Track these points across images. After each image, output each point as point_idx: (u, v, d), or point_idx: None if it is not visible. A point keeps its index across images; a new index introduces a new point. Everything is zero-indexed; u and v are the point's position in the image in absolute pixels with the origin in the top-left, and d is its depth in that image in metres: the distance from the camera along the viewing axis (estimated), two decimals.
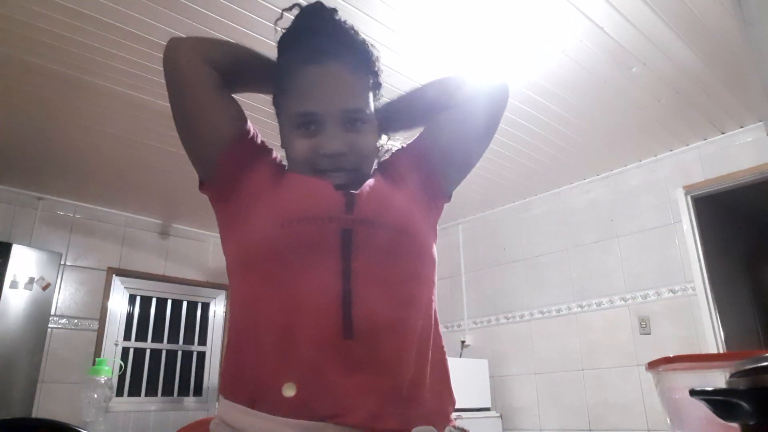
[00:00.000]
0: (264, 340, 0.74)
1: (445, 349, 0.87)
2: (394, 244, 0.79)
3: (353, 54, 0.87)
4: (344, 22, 0.91)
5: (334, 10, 0.91)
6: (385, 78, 0.93)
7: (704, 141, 3.49)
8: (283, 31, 0.95)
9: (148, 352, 4.64)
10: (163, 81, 0.91)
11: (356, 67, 0.86)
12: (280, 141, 0.92)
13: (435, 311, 0.84)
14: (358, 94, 0.85)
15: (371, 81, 0.89)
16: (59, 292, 4.09)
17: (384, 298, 0.75)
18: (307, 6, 0.92)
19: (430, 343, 0.81)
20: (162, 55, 0.91)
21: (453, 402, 0.85)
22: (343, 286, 0.73)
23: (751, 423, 0.56)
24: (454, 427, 0.70)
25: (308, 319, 0.72)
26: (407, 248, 0.81)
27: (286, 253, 0.76)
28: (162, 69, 0.92)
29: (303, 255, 0.75)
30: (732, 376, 0.60)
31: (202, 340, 4.91)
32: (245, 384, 0.74)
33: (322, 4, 0.92)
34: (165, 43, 0.91)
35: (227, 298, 4.96)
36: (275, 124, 0.95)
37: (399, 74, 2.69)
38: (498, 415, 3.91)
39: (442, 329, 0.86)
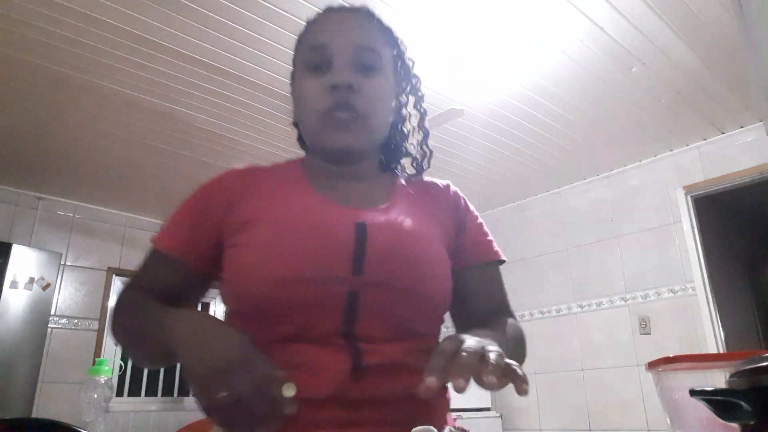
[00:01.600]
0: None
1: None
2: (406, 308, 0.71)
3: (376, 18, 0.86)
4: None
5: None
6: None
7: (704, 141, 3.49)
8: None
9: None
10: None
11: (376, 22, 0.84)
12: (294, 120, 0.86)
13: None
14: (373, 37, 0.81)
15: (393, 47, 0.85)
16: (59, 292, 4.08)
17: (391, 354, 0.69)
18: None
19: None
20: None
21: (448, 403, 0.79)
22: (349, 346, 0.68)
23: (751, 423, 0.56)
24: (455, 427, 0.67)
25: (313, 382, 0.65)
26: (420, 312, 0.73)
27: (281, 313, 0.68)
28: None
29: (296, 317, 0.68)
30: (732, 376, 0.60)
31: None
32: None
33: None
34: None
35: None
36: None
37: None
38: (498, 415, 3.91)
39: (442, 329, 0.82)
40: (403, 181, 0.87)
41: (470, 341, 0.55)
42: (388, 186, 0.84)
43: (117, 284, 4.49)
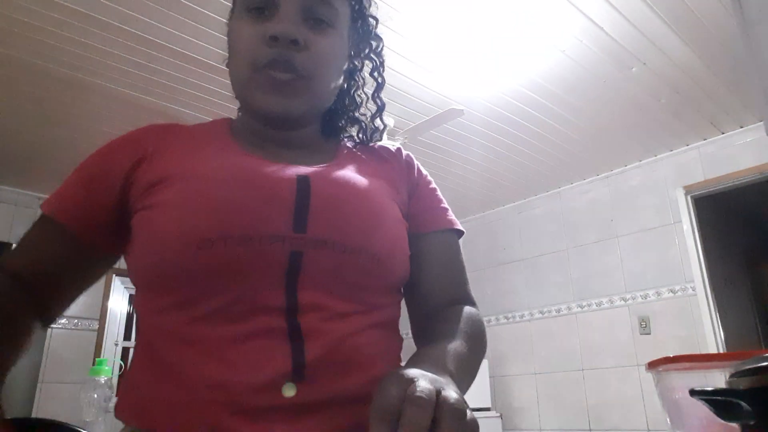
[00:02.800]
0: (179, 384, 0.55)
1: None
2: (357, 270, 0.60)
3: None
4: None
5: None
6: (385, 77, 0.86)
7: (704, 141, 3.49)
8: None
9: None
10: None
11: None
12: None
13: (397, 324, 0.69)
14: None
15: (352, 2, 0.73)
16: None
17: (340, 332, 0.58)
18: None
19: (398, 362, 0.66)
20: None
21: None
22: (289, 325, 0.55)
23: (751, 423, 0.56)
24: None
25: (243, 365, 0.54)
26: (373, 276, 0.62)
27: (203, 282, 0.55)
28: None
29: (228, 285, 0.56)
30: (732, 376, 0.60)
31: None
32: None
33: None
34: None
35: None
36: None
37: (399, 74, 2.69)
38: (498, 415, 3.91)
39: (400, 305, 0.72)
40: (349, 147, 0.76)
41: (422, 384, 0.41)
42: (332, 148, 0.74)
43: (117, 284, 4.49)
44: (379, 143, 0.79)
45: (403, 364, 0.63)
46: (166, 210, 0.58)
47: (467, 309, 0.69)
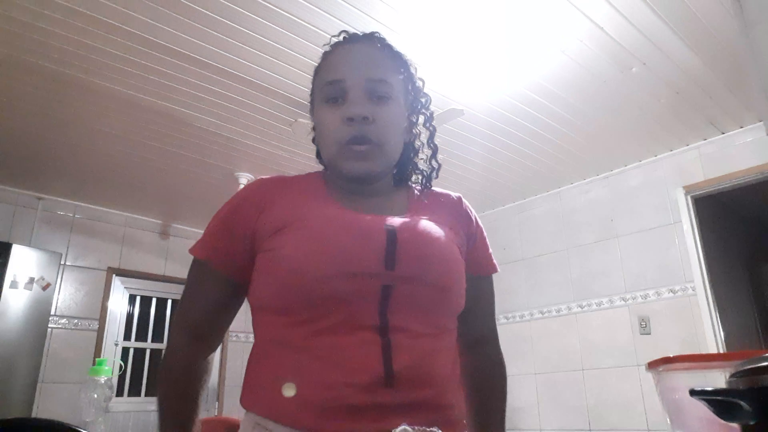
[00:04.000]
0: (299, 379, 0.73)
1: None
2: (432, 300, 0.79)
3: (385, 44, 0.91)
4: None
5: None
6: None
7: (704, 141, 3.49)
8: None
9: (148, 352, 4.64)
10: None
11: (386, 50, 0.90)
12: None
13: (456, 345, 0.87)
14: (383, 67, 0.87)
15: (402, 72, 0.91)
16: (59, 292, 4.08)
17: (420, 350, 0.76)
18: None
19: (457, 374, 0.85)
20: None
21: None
22: (382, 340, 0.73)
23: (751, 423, 0.56)
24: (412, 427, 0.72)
25: (348, 369, 0.72)
26: (444, 305, 0.81)
27: (320, 306, 0.74)
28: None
29: (338, 308, 0.74)
30: (732, 376, 0.60)
31: None
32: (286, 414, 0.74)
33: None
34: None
35: None
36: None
37: None
38: None
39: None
40: (417, 193, 0.94)
41: None
42: (404, 198, 0.92)
43: (117, 284, 4.49)
44: (441, 190, 0.97)
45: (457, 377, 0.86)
46: (291, 252, 0.77)
47: (497, 365, 0.98)
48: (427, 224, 0.85)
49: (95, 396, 1.72)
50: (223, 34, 2.41)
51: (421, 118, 0.97)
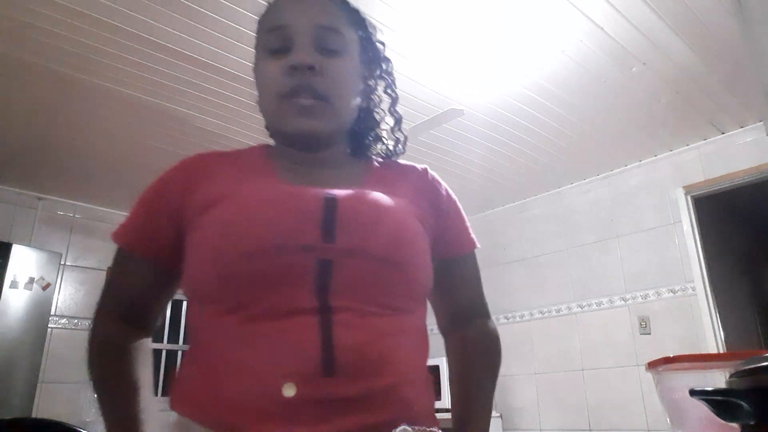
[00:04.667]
0: (227, 374, 0.63)
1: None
2: (382, 277, 0.67)
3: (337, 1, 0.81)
4: None
5: None
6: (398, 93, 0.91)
7: (704, 141, 3.49)
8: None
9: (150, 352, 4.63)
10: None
11: (337, 2, 0.80)
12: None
13: (425, 330, 0.76)
14: (336, 17, 0.77)
15: (358, 29, 0.81)
16: (59, 292, 4.08)
17: (369, 330, 0.64)
18: None
19: (425, 365, 0.74)
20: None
21: (432, 403, 0.74)
22: (321, 319, 0.62)
23: (751, 423, 0.56)
24: (412, 427, 0.61)
25: (282, 359, 0.61)
26: (397, 282, 0.69)
27: (249, 288, 0.64)
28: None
29: (270, 289, 0.63)
30: (732, 376, 0.60)
31: None
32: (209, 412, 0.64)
33: None
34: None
35: None
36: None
37: (399, 74, 2.68)
38: (498, 415, 3.91)
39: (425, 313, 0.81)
40: (377, 166, 0.84)
41: None
42: (360, 171, 0.81)
43: None
44: (406, 162, 0.86)
45: (426, 365, 0.75)
46: (213, 230, 0.68)
47: (485, 326, 0.85)
48: (377, 195, 0.73)
49: (95, 396, 1.72)
50: (224, 34, 2.40)
51: (382, 85, 0.87)
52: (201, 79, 2.71)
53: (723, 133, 3.42)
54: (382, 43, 0.86)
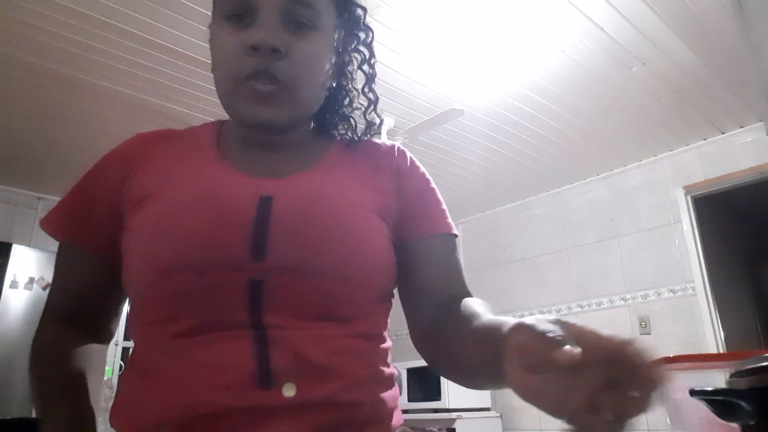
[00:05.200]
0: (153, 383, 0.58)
1: None
2: (327, 295, 0.59)
3: None
4: None
5: None
6: (385, 78, 0.84)
7: (704, 141, 3.49)
8: None
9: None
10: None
11: None
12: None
13: (379, 332, 0.67)
14: None
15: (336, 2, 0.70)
16: None
17: (310, 340, 0.58)
18: None
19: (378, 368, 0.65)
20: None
21: (389, 404, 0.65)
22: (255, 333, 0.56)
23: (751, 423, 0.56)
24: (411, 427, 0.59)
25: (214, 372, 0.55)
26: (347, 298, 0.61)
27: (175, 305, 0.58)
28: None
29: (197, 308, 0.57)
30: (732, 376, 0.60)
31: None
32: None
33: None
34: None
35: None
36: None
37: (399, 74, 2.68)
38: (498, 415, 3.91)
39: (384, 309, 0.70)
40: (339, 146, 0.74)
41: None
42: (318, 152, 0.72)
43: None
44: (374, 140, 0.76)
45: (387, 369, 0.66)
46: (137, 237, 0.61)
47: (476, 300, 0.68)
48: (324, 186, 0.65)
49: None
50: None
51: (358, 58, 0.76)
52: (201, 79, 2.71)
53: (723, 133, 3.42)
54: (364, 9, 0.74)
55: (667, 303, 3.45)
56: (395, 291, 0.72)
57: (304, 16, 0.64)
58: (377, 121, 0.76)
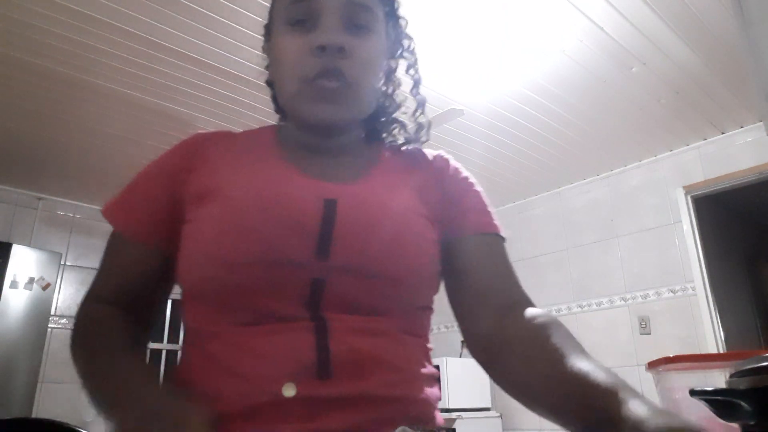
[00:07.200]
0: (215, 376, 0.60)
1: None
2: (379, 294, 0.63)
3: None
4: None
5: None
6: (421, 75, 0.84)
7: (704, 141, 3.49)
8: None
9: (148, 352, 4.63)
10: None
11: None
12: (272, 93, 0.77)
13: (425, 330, 0.71)
14: None
15: (385, 5, 0.74)
16: (59, 292, 4.08)
17: (364, 339, 0.61)
18: None
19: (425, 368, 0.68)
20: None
21: (433, 402, 0.68)
22: (316, 325, 0.59)
23: (751, 423, 0.56)
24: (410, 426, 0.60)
25: (275, 362, 0.58)
26: (398, 298, 0.64)
27: (238, 298, 0.60)
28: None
29: (259, 301, 0.60)
30: (732, 376, 0.60)
31: None
32: None
33: None
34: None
35: None
36: None
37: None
38: (498, 415, 3.91)
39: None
40: (390, 153, 0.77)
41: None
42: (371, 158, 0.74)
43: None
44: (420, 148, 0.79)
45: (432, 368, 0.69)
46: (202, 230, 0.63)
47: (546, 316, 0.65)
48: (381, 192, 0.68)
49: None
50: (224, 34, 2.41)
51: (404, 65, 0.80)
52: (201, 79, 2.72)
53: (723, 133, 3.42)
54: (405, 20, 0.79)
55: (667, 303, 3.45)
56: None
57: (364, 18, 0.68)
58: (426, 123, 0.79)
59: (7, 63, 2.58)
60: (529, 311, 0.65)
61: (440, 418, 0.68)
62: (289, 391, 0.56)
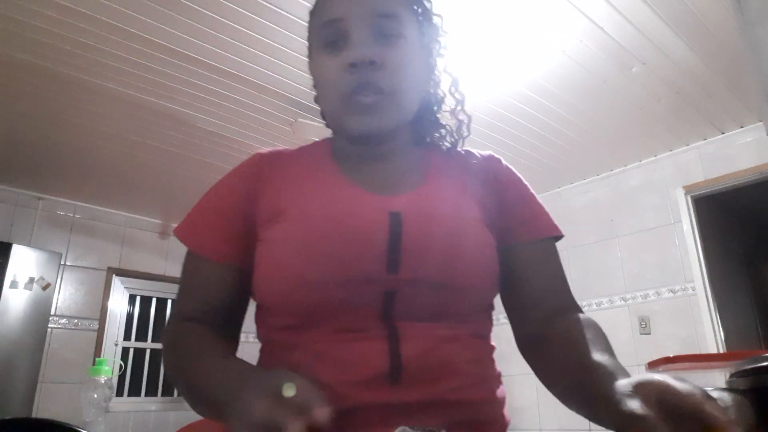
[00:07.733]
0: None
1: None
2: (445, 302, 0.66)
3: None
4: None
5: None
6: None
7: (704, 141, 3.49)
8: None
9: (148, 352, 4.64)
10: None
11: None
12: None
13: (488, 334, 0.74)
14: (391, 1, 0.72)
15: (415, 5, 0.76)
16: (59, 292, 4.08)
17: (435, 338, 0.64)
18: None
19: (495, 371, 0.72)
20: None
21: (500, 403, 0.71)
22: (389, 332, 0.63)
23: (751, 423, 0.56)
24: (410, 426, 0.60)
25: (349, 370, 0.61)
26: (462, 304, 0.68)
27: (313, 313, 0.64)
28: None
29: (334, 316, 0.64)
30: (732, 376, 0.60)
31: None
32: None
33: None
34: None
35: None
36: None
37: None
38: None
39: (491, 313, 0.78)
40: (440, 155, 0.79)
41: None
42: (424, 163, 0.76)
43: (117, 284, 4.49)
44: (469, 150, 0.81)
45: (497, 369, 0.73)
46: (277, 250, 0.66)
47: (582, 317, 0.70)
48: (441, 202, 0.71)
49: (95, 396, 1.72)
50: (223, 34, 2.41)
51: (442, 63, 0.80)
52: (201, 79, 2.72)
53: (723, 133, 3.42)
54: (441, 16, 0.79)
55: (667, 303, 3.45)
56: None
57: (391, 27, 0.70)
58: (467, 119, 0.80)
59: (7, 63, 2.58)
60: (574, 316, 0.70)
61: (508, 417, 0.71)
62: (357, 397, 0.58)
